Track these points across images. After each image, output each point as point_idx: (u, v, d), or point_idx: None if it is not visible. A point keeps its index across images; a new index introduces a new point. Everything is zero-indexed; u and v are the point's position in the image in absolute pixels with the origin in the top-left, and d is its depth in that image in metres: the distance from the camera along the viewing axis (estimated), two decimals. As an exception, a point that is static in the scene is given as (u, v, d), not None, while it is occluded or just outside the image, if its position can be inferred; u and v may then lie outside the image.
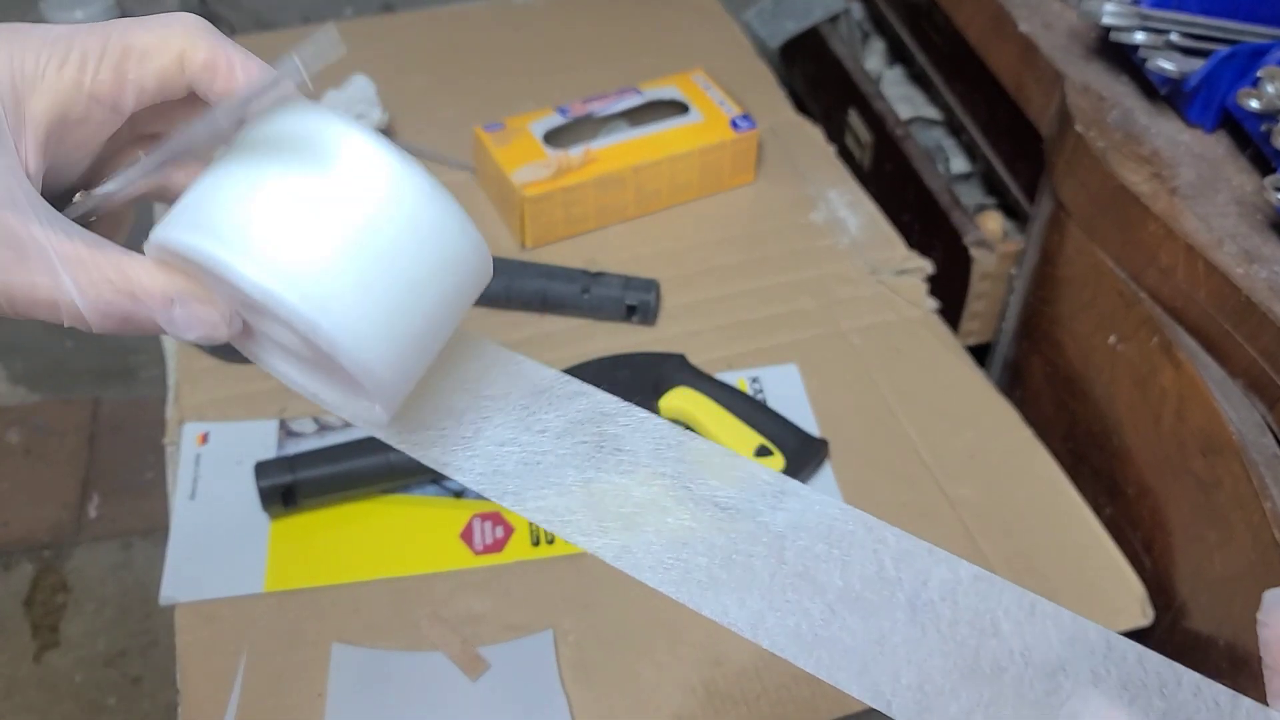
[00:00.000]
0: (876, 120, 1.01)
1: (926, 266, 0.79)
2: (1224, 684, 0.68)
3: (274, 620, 0.59)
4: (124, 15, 1.17)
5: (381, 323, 0.28)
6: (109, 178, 0.30)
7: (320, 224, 0.27)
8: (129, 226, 0.34)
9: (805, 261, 0.80)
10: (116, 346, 1.49)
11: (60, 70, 0.28)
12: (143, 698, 1.22)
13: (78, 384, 1.52)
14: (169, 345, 0.73)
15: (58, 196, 0.30)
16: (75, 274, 0.27)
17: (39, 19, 1.16)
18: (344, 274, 0.27)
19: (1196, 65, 0.70)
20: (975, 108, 0.95)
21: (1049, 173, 0.78)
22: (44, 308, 0.27)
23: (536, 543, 0.63)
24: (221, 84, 0.29)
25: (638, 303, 0.73)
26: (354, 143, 0.28)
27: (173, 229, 0.28)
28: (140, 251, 0.30)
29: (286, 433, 0.67)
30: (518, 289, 0.74)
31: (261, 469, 0.62)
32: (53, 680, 1.20)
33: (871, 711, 0.28)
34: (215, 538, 0.62)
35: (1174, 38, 0.71)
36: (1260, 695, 0.63)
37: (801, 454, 0.64)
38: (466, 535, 0.63)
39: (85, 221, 0.30)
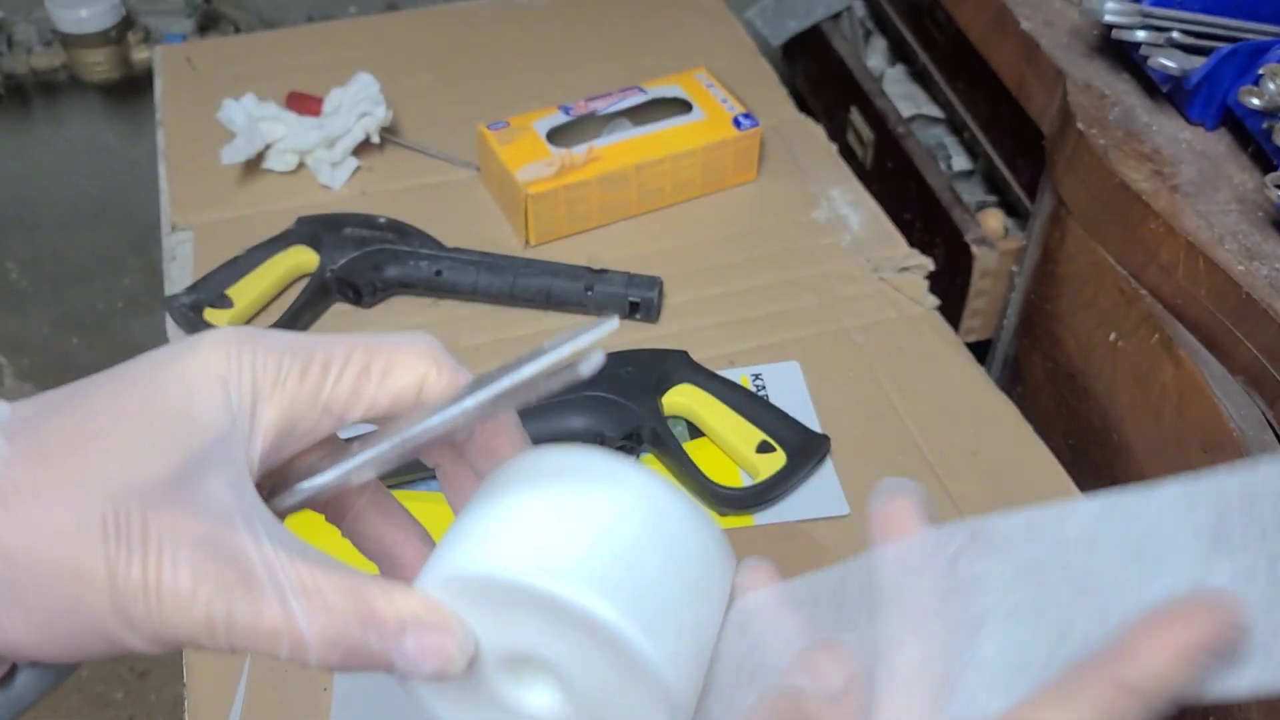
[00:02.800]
0: (878, 118, 1.01)
1: (928, 264, 0.79)
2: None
3: (279, 615, 0.59)
4: (128, 15, 1.17)
5: (686, 655, 0.27)
6: (313, 467, 0.28)
7: (635, 556, 0.27)
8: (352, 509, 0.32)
9: (807, 259, 0.80)
10: (124, 343, 1.49)
11: (302, 379, 0.27)
12: (150, 691, 1.23)
13: (78, 380, 1.53)
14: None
15: (266, 499, 0.28)
16: (304, 601, 0.25)
17: (44, 17, 1.17)
18: (672, 617, 0.27)
19: (1198, 63, 0.70)
20: (977, 106, 0.96)
21: (1050, 170, 0.78)
22: (265, 638, 0.25)
23: (540, 538, 0.63)
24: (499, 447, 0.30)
25: (640, 300, 0.74)
26: (638, 477, 0.28)
27: (484, 562, 0.26)
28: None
29: (292, 429, 0.68)
30: (521, 286, 0.74)
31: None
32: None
33: None
34: (221, 533, 0.63)
35: (1175, 35, 0.71)
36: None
37: (803, 450, 0.65)
38: (470, 531, 0.63)
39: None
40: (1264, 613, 0.23)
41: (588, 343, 0.26)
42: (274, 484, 0.29)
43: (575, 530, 0.27)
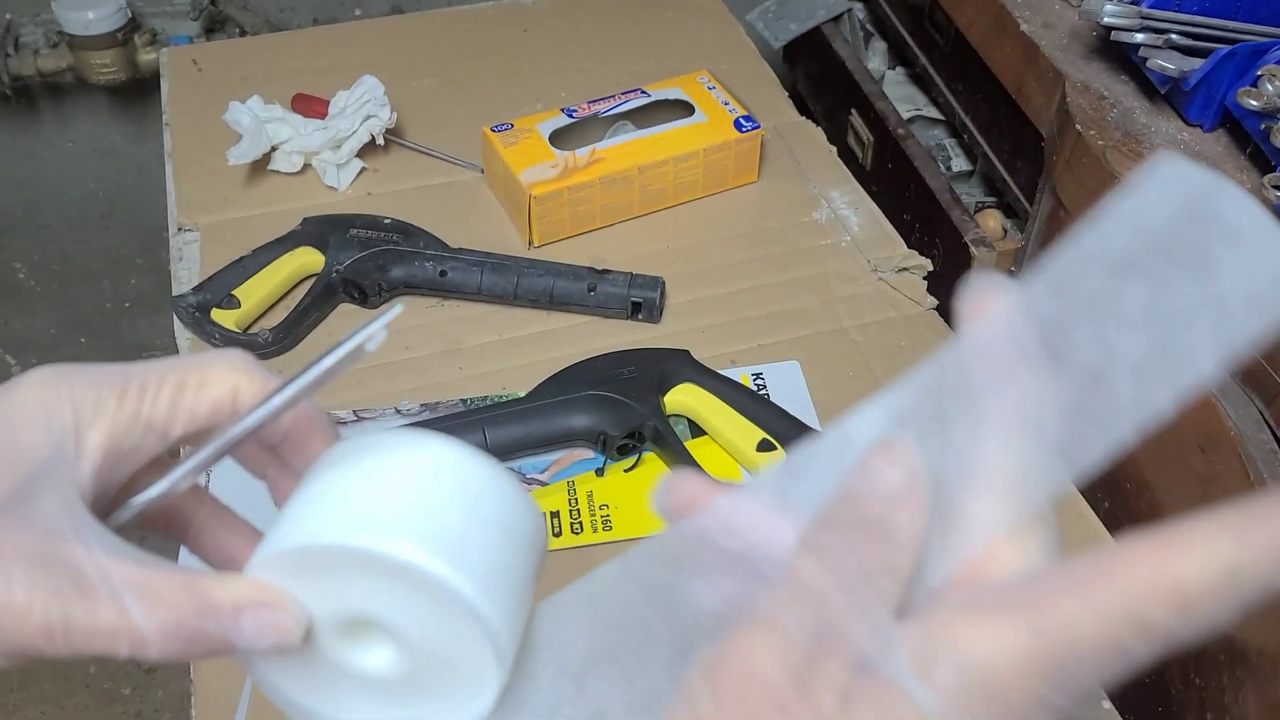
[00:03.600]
0: (878, 120, 1.02)
1: (927, 265, 0.80)
2: (1223, 677, 0.68)
3: (286, 611, 0.60)
4: (134, 17, 1.18)
5: (499, 588, 0.29)
6: (148, 485, 0.30)
7: (447, 515, 0.29)
8: (192, 524, 0.34)
9: (807, 260, 0.81)
10: (131, 343, 1.50)
11: (120, 402, 0.29)
12: (156, 687, 1.24)
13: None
14: (183, 342, 0.74)
15: (103, 516, 0.30)
16: (139, 598, 0.26)
17: (50, 18, 1.18)
18: (477, 554, 0.29)
19: (1196, 64, 0.71)
20: (976, 107, 0.96)
21: (1049, 171, 0.79)
22: (103, 638, 0.26)
23: (543, 536, 0.64)
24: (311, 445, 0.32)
25: (643, 300, 0.74)
26: (437, 447, 0.30)
27: (301, 535, 0.28)
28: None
29: (298, 428, 0.68)
30: (525, 287, 0.75)
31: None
32: (67, 670, 1.21)
33: None
34: (228, 530, 0.63)
35: (1174, 37, 0.72)
36: (1258, 689, 0.64)
37: (803, 449, 0.65)
38: (474, 528, 0.64)
39: (137, 531, 0.31)
40: None
41: (373, 330, 0.29)
42: (114, 503, 0.31)
43: (375, 489, 0.29)
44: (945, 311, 0.78)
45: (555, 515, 0.64)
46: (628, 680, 0.30)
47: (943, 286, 0.84)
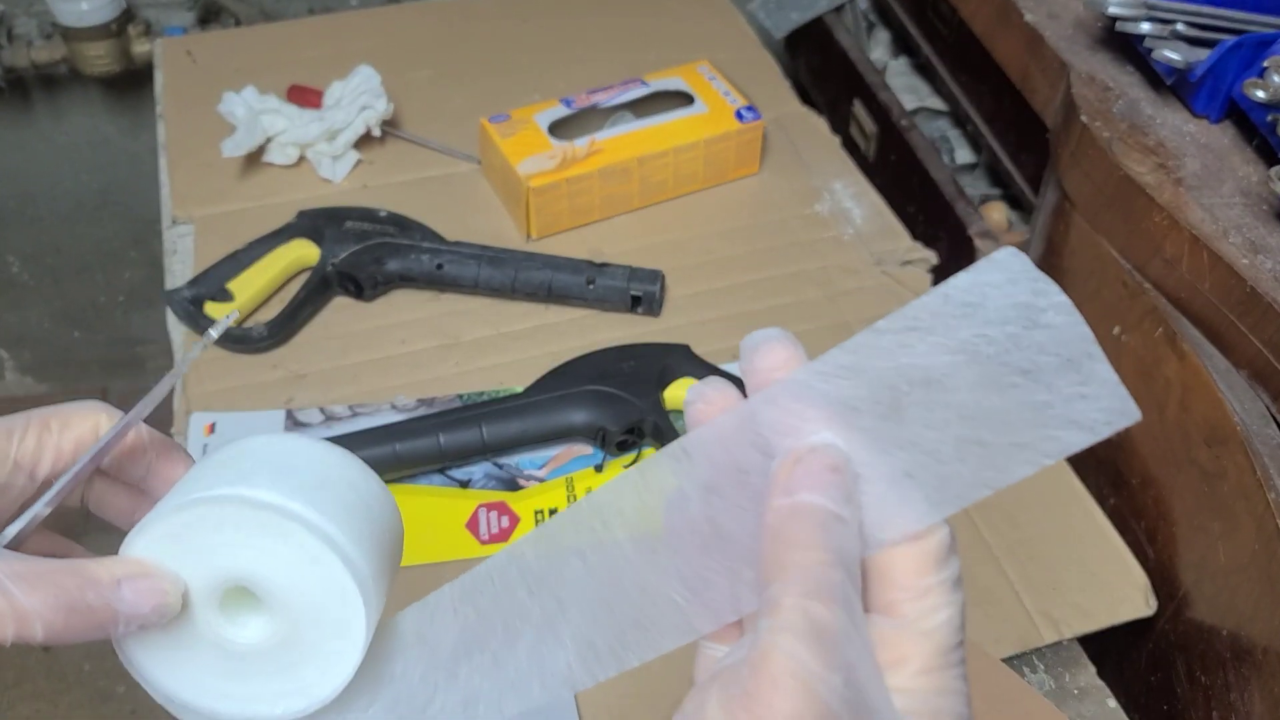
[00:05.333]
0: (881, 111, 1.01)
1: (931, 257, 0.79)
2: (1228, 675, 0.68)
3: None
4: (128, 8, 1.17)
5: (364, 540, 0.32)
6: (32, 507, 0.32)
7: (294, 470, 0.32)
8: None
9: (810, 253, 0.80)
10: (124, 337, 1.49)
11: None
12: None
13: (85, 374, 1.53)
14: (176, 336, 0.73)
15: None
16: (21, 581, 0.28)
17: (45, 11, 1.17)
18: (333, 501, 0.32)
19: (1202, 55, 0.70)
20: (980, 98, 0.95)
21: (1054, 163, 0.78)
22: None
23: (542, 532, 0.63)
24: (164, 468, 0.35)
25: (643, 293, 0.73)
26: (284, 438, 0.34)
27: (169, 509, 0.31)
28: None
29: (293, 423, 0.68)
30: (523, 280, 0.74)
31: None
32: (61, 669, 1.21)
33: None
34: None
35: (1180, 27, 0.71)
36: (1263, 687, 0.63)
37: (806, 444, 0.65)
38: (472, 525, 0.63)
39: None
40: None
41: (196, 354, 0.34)
42: None
43: (232, 464, 0.32)
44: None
45: (554, 512, 0.64)
46: (496, 665, 0.31)
47: (947, 279, 0.83)
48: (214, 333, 0.35)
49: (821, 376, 0.26)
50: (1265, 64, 0.68)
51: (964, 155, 1.00)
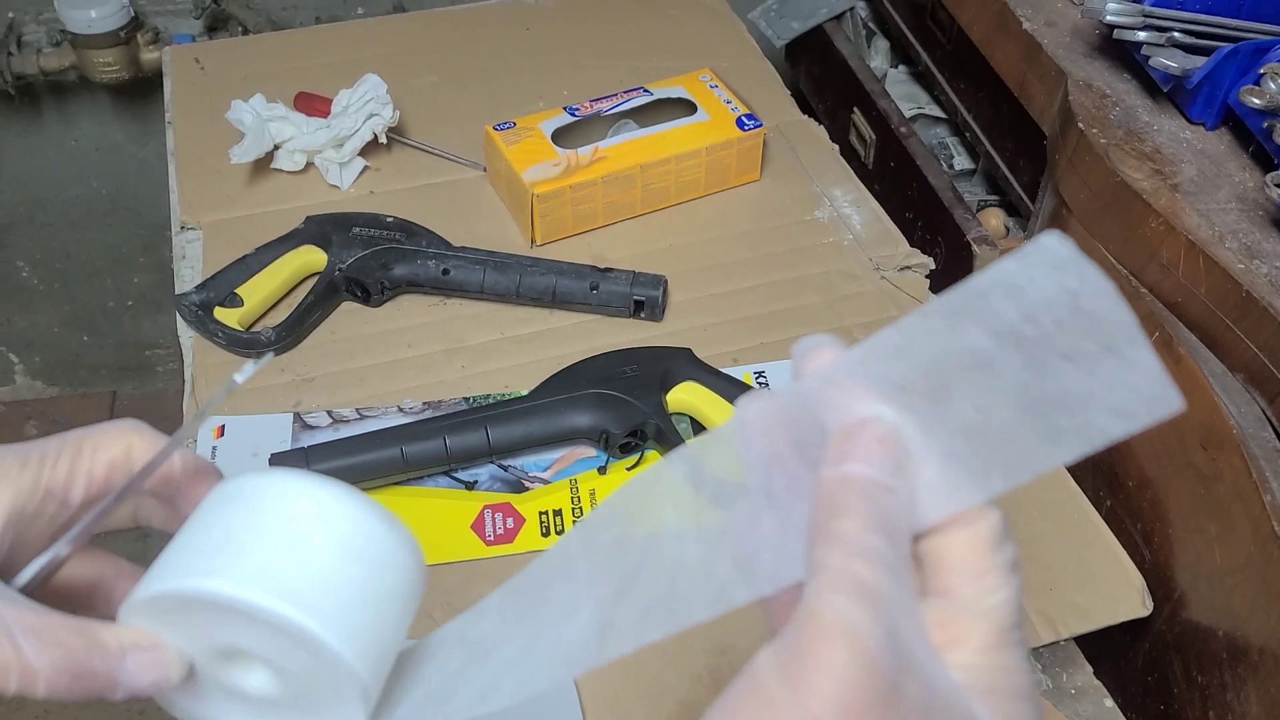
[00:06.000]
0: (880, 119, 1.02)
1: (929, 263, 0.80)
2: (1224, 675, 0.68)
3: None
4: (137, 16, 1.18)
5: (363, 629, 0.31)
6: (52, 546, 0.32)
7: (303, 555, 0.31)
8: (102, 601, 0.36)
9: (810, 258, 0.81)
10: (133, 341, 1.50)
11: (22, 470, 0.31)
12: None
13: (95, 378, 1.54)
14: (185, 339, 0.74)
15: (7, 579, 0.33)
16: (32, 637, 0.29)
17: (53, 17, 1.18)
18: (333, 594, 0.31)
19: (1199, 63, 0.71)
20: (978, 106, 0.96)
21: (1051, 170, 0.79)
22: None
23: (547, 533, 0.64)
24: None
25: (645, 298, 0.74)
26: (301, 485, 0.32)
27: (170, 579, 0.31)
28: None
29: (301, 425, 0.69)
30: (527, 285, 0.75)
31: (276, 461, 0.64)
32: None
33: None
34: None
35: (1177, 35, 0.72)
36: (1259, 687, 0.64)
37: (806, 447, 0.65)
38: (478, 526, 0.64)
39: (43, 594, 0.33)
40: None
41: (243, 380, 0.33)
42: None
43: (237, 534, 0.31)
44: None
45: (558, 514, 0.65)
46: (524, 650, 0.32)
47: (945, 285, 0.84)
48: (239, 378, 0.34)
49: (874, 356, 0.26)
50: (1261, 71, 0.68)
51: (962, 162, 1.01)
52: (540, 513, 0.65)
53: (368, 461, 0.63)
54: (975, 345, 0.24)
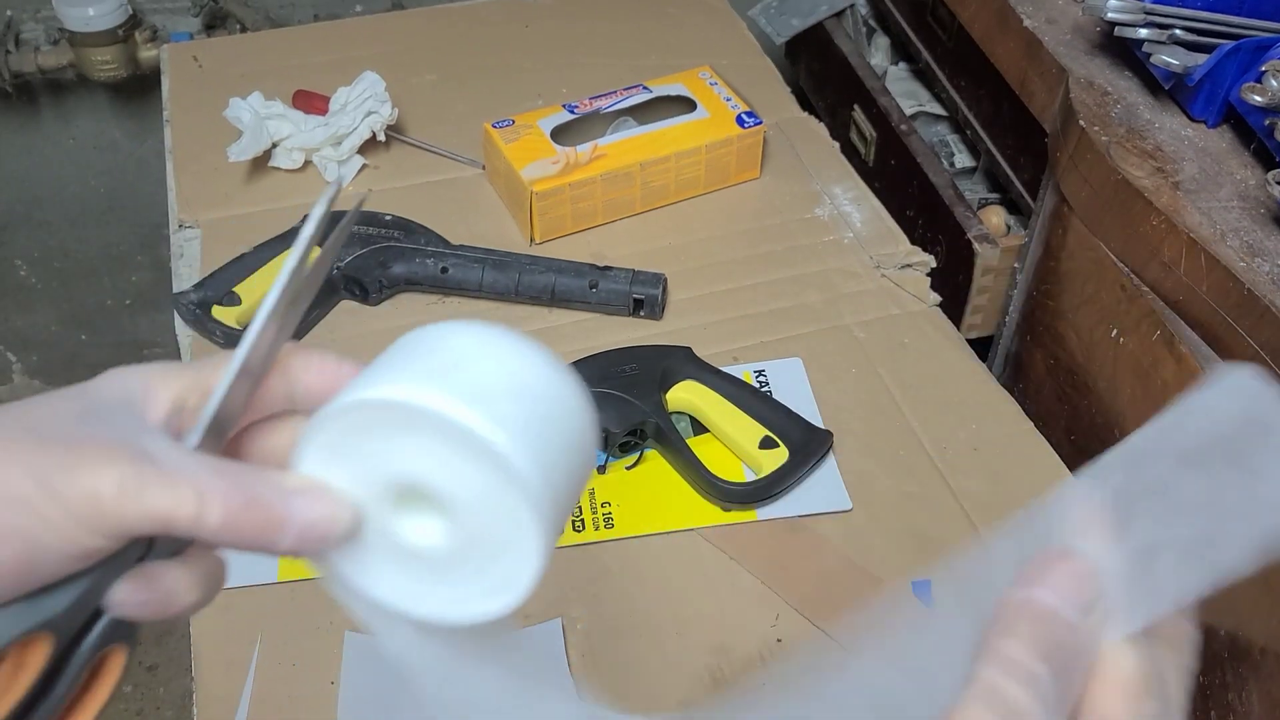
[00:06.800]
0: (881, 116, 1.01)
1: (929, 261, 0.80)
2: (1226, 674, 0.68)
3: (288, 609, 0.60)
4: (135, 14, 1.18)
5: (555, 476, 0.30)
6: (211, 399, 0.32)
7: (503, 384, 0.30)
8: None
9: (810, 256, 0.80)
10: (131, 340, 1.50)
11: (183, 370, 0.32)
12: (158, 685, 1.24)
13: (93, 377, 1.53)
14: (184, 339, 0.74)
15: None
16: (203, 467, 0.29)
17: (52, 16, 1.18)
18: (532, 431, 0.29)
19: (1200, 60, 0.70)
20: (979, 103, 0.96)
21: (1052, 168, 0.78)
22: (168, 498, 0.28)
23: (545, 533, 0.64)
24: (314, 377, 0.34)
25: (645, 297, 0.74)
26: (491, 329, 0.31)
27: (365, 390, 0.29)
28: None
29: (299, 425, 0.68)
30: (526, 284, 0.75)
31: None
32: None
33: None
34: (229, 528, 0.63)
35: (1178, 32, 0.71)
36: (1261, 687, 0.64)
37: (806, 446, 0.65)
38: (476, 526, 0.64)
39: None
40: None
41: (324, 206, 0.33)
42: None
43: (409, 357, 0.30)
44: (948, 308, 0.78)
45: (557, 513, 0.64)
46: None
47: (946, 283, 0.84)
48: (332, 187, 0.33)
49: (1091, 483, 0.27)
50: (1263, 68, 0.68)
51: (963, 160, 1.00)
52: (539, 512, 0.64)
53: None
54: (1164, 472, 0.27)
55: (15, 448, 0.28)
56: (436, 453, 0.29)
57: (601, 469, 0.66)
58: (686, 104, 0.85)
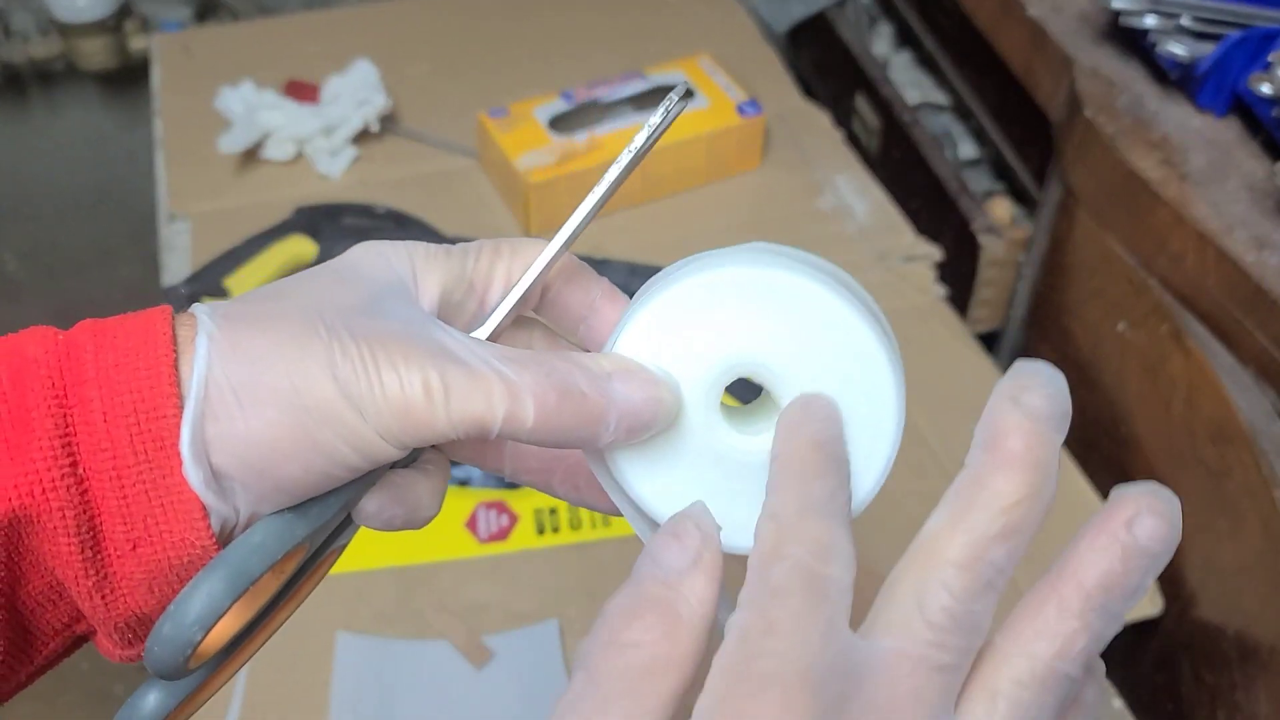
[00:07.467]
0: (884, 105, 1.00)
1: (935, 253, 0.79)
2: (1234, 674, 0.67)
3: (279, 609, 0.59)
4: (125, 3, 1.16)
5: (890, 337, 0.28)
6: (511, 293, 0.30)
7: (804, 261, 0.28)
8: None
9: (812, 248, 0.78)
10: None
11: (448, 258, 0.30)
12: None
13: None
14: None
15: None
16: (508, 361, 0.26)
17: (42, 6, 1.16)
18: (882, 324, 0.28)
19: (1207, 49, 0.69)
20: (984, 93, 0.95)
21: (1058, 159, 0.77)
22: (480, 395, 0.25)
23: (541, 531, 0.62)
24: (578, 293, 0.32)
25: (643, 290, 0.73)
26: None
27: (674, 279, 0.27)
28: None
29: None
30: (522, 276, 0.74)
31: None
32: (59, 669, 1.20)
33: None
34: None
35: (1185, 21, 0.70)
36: (1269, 687, 0.63)
37: (808, 442, 0.64)
38: (471, 524, 0.63)
39: None
40: None
41: (657, 124, 0.30)
42: None
43: (709, 256, 0.28)
44: (953, 302, 0.77)
45: (554, 511, 0.63)
46: None
47: (951, 277, 0.82)
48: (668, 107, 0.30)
49: None
50: (1270, 58, 0.67)
51: (967, 150, 0.99)
52: (535, 510, 0.63)
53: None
54: None
55: (313, 343, 0.25)
56: (791, 335, 0.26)
57: (600, 466, 0.65)
58: (686, 93, 0.83)
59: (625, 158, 0.30)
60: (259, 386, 0.25)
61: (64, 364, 0.26)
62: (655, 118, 0.30)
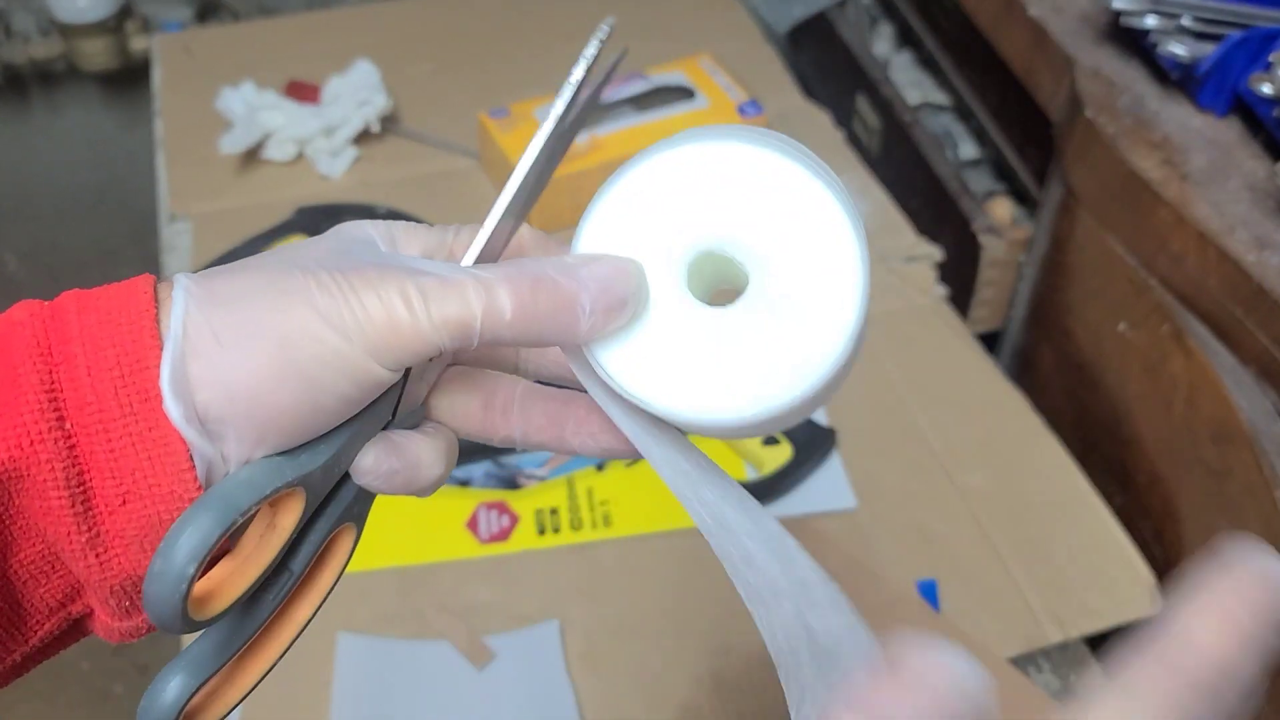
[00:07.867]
0: (885, 106, 1.00)
1: (935, 253, 0.78)
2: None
3: (280, 609, 0.59)
4: (128, 3, 1.17)
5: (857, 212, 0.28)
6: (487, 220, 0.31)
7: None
8: None
9: (812, 249, 0.79)
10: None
11: (429, 231, 0.31)
12: (148, 685, 1.23)
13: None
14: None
15: None
16: (485, 275, 0.27)
17: (43, 7, 1.16)
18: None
19: (1208, 50, 0.69)
20: (984, 93, 0.95)
21: (1059, 159, 0.77)
22: (455, 295, 0.26)
23: (542, 532, 0.62)
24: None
25: (644, 290, 0.73)
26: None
27: (641, 158, 0.28)
28: None
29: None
30: (523, 277, 0.74)
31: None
32: (59, 668, 1.20)
33: None
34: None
35: (1186, 22, 0.70)
36: (1270, 688, 0.63)
37: (809, 444, 0.64)
38: (472, 524, 0.63)
39: None
40: None
41: (594, 50, 0.30)
42: None
43: (702, 130, 0.28)
44: (954, 302, 0.77)
45: (554, 512, 0.63)
46: None
47: (951, 277, 0.82)
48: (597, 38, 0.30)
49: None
50: (1271, 58, 0.67)
51: (968, 150, 0.99)
52: (536, 510, 0.63)
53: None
54: None
55: (287, 281, 0.26)
56: (750, 206, 0.26)
57: (600, 466, 0.65)
58: (686, 93, 0.83)
59: (567, 91, 0.31)
60: (240, 324, 0.25)
61: (49, 325, 0.26)
62: (590, 49, 0.31)
